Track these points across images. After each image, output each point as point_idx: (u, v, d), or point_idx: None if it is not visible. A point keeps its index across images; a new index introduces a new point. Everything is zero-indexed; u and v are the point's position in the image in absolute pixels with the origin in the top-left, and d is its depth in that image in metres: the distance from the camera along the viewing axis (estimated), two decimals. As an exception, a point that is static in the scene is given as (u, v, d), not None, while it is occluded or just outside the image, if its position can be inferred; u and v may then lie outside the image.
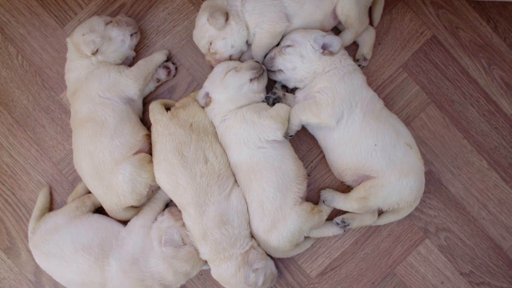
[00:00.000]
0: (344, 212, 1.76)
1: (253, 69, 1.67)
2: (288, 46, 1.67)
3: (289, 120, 1.68)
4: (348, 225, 1.73)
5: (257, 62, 1.71)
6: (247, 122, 1.64)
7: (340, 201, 1.71)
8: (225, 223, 1.61)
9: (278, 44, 1.75)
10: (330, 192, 1.75)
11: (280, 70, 1.70)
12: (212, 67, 1.78)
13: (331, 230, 1.76)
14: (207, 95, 1.70)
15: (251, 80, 1.66)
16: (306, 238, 1.76)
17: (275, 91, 1.76)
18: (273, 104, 1.74)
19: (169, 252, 1.63)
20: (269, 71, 1.73)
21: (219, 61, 1.74)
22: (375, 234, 1.85)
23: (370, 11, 1.83)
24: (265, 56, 1.74)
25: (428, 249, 1.85)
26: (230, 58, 1.76)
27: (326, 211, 1.73)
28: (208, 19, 1.67)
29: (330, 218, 1.77)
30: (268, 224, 1.64)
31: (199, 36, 1.73)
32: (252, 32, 1.72)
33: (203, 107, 1.73)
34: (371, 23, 1.84)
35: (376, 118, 1.63)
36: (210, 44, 1.72)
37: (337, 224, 1.74)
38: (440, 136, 1.87)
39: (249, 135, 1.63)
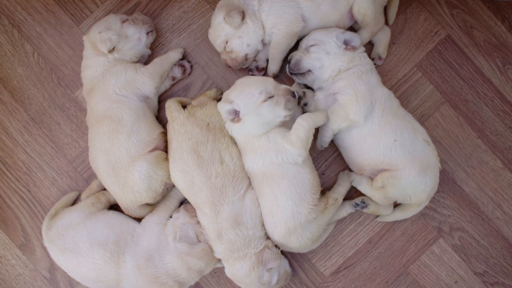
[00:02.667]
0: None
1: (289, 101, 1.58)
2: (312, 45, 1.68)
3: (322, 134, 1.69)
4: (366, 206, 1.73)
5: (292, 91, 1.61)
6: (269, 140, 1.61)
7: (367, 185, 1.70)
8: (239, 224, 1.62)
9: (294, 47, 1.75)
10: (359, 175, 1.74)
11: (309, 71, 1.70)
12: (227, 66, 1.78)
13: (344, 210, 1.77)
14: (235, 112, 1.60)
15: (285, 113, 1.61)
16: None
17: (296, 89, 1.75)
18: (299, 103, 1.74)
19: (183, 248, 1.63)
20: (297, 74, 1.72)
21: (235, 60, 1.75)
22: (389, 233, 1.85)
23: (385, 10, 1.84)
24: (289, 62, 1.74)
25: (442, 248, 1.85)
26: (246, 57, 1.76)
27: (340, 194, 1.72)
28: (224, 18, 1.67)
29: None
30: (283, 231, 1.63)
31: (215, 34, 1.74)
32: (268, 32, 1.72)
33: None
34: (386, 22, 1.84)
35: (394, 115, 1.64)
36: (226, 42, 1.73)
37: (357, 204, 1.73)
38: (454, 135, 1.87)
39: (269, 151, 1.60)
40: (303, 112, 1.77)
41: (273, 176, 1.60)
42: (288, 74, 1.77)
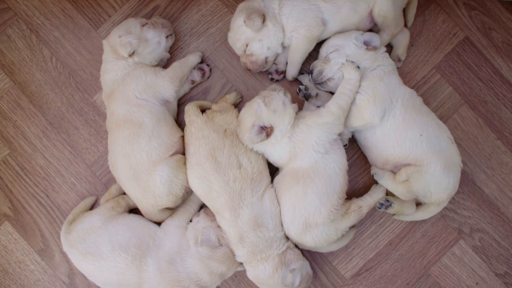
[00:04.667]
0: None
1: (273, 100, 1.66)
2: (332, 52, 1.68)
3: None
4: (390, 205, 1.70)
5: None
6: (312, 127, 1.62)
7: (389, 179, 1.68)
8: (260, 225, 1.61)
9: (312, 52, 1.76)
10: (381, 169, 1.72)
11: (331, 78, 1.69)
12: (247, 69, 1.78)
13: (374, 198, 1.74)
14: (263, 128, 1.61)
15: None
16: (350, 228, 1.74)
17: (309, 85, 1.75)
18: (305, 97, 1.75)
19: (205, 252, 1.63)
20: (321, 83, 1.72)
21: (255, 63, 1.75)
22: (409, 235, 1.85)
23: (404, 12, 1.84)
24: (311, 73, 1.73)
25: (462, 250, 1.85)
26: (266, 60, 1.76)
27: (366, 204, 1.70)
28: (245, 21, 1.67)
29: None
30: (299, 227, 1.63)
31: (235, 38, 1.74)
32: (287, 36, 1.72)
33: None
34: (404, 24, 1.84)
35: (418, 111, 1.64)
36: (246, 46, 1.73)
37: (381, 205, 1.70)
38: (473, 137, 1.87)
39: (319, 138, 1.61)
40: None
41: (315, 175, 1.60)
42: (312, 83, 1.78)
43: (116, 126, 1.69)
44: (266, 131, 1.61)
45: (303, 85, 1.77)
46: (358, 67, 1.63)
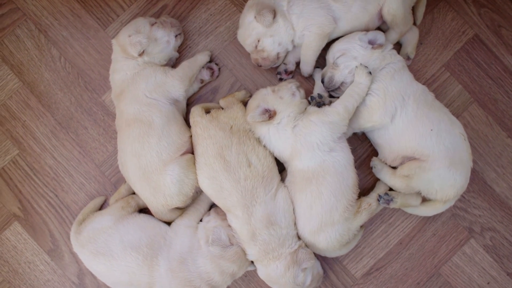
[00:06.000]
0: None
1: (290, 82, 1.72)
2: (339, 56, 1.68)
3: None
4: (391, 200, 1.68)
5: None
6: (315, 123, 1.62)
7: (387, 174, 1.69)
8: (273, 223, 1.61)
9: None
10: (380, 163, 1.73)
11: (343, 82, 1.69)
12: (258, 66, 1.77)
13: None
14: (266, 111, 1.65)
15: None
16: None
17: (322, 94, 1.75)
18: (318, 106, 1.73)
19: (216, 251, 1.62)
20: (334, 90, 1.72)
21: (266, 59, 1.74)
22: (420, 234, 1.84)
23: (413, 10, 1.83)
24: (322, 81, 1.73)
25: (473, 249, 1.84)
26: (278, 56, 1.75)
27: (375, 200, 1.69)
28: (255, 17, 1.67)
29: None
30: (315, 226, 1.63)
31: (246, 34, 1.73)
32: (298, 35, 1.72)
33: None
34: (413, 23, 1.84)
35: (430, 107, 1.63)
36: (258, 42, 1.72)
37: (381, 197, 1.69)
38: (483, 135, 1.86)
39: (323, 137, 1.61)
40: None
41: (325, 173, 1.60)
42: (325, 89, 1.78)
43: (126, 126, 1.68)
44: (270, 113, 1.63)
45: (315, 94, 1.75)
46: (370, 73, 1.63)
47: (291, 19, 1.70)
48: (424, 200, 1.74)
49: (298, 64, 1.84)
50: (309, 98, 1.72)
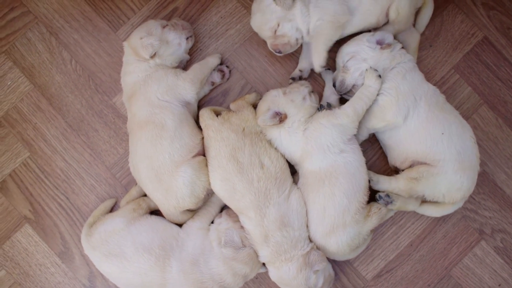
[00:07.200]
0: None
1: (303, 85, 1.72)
2: (348, 60, 1.68)
3: (357, 133, 1.68)
4: (391, 202, 1.67)
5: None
6: (325, 126, 1.62)
7: (386, 181, 1.69)
8: (286, 225, 1.61)
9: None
10: (375, 174, 1.72)
11: (354, 85, 1.69)
12: (277, 52, 1.75)
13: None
14: (277, 114, 1.65)
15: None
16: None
17: (331, 103, 1.75)
18: None
19: (229, 253, 1.62)
20: (347, 93, 1.73)
21: (287, 45, 1.71)
22: (430, 236, 1.84)
23: (416, 17, 1.83)
24: (334, 86, 1.74)
25: (484, 250, 1.84)
26: (297, 42, 1.74)
27: (385, 207, 1.69)
28: (275, 0, 1.65)
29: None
30: (327, 228, 1.63)
31: (265, 18, 1.70)
32: (312, 26, 1.70)
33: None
34: (419, 32, 1.84)
35: (441, 109, 1.64)
36: (278, 26, 1.71)
37: (380, 198, 1.68)
38: (493, 137, 1.86)
39: (333, 139, 1.62)
40: None
41: (338, 174, 1.60)
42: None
43: (138, 128, 1.69)
44: (280, 117, 1.63)
45: (325, 103, 1.76)
46: (380, 76, 1.63)
47: (309, 7, 1.68)
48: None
49: (312, 70, 1.85)
50: (319, 107, 1.72)
